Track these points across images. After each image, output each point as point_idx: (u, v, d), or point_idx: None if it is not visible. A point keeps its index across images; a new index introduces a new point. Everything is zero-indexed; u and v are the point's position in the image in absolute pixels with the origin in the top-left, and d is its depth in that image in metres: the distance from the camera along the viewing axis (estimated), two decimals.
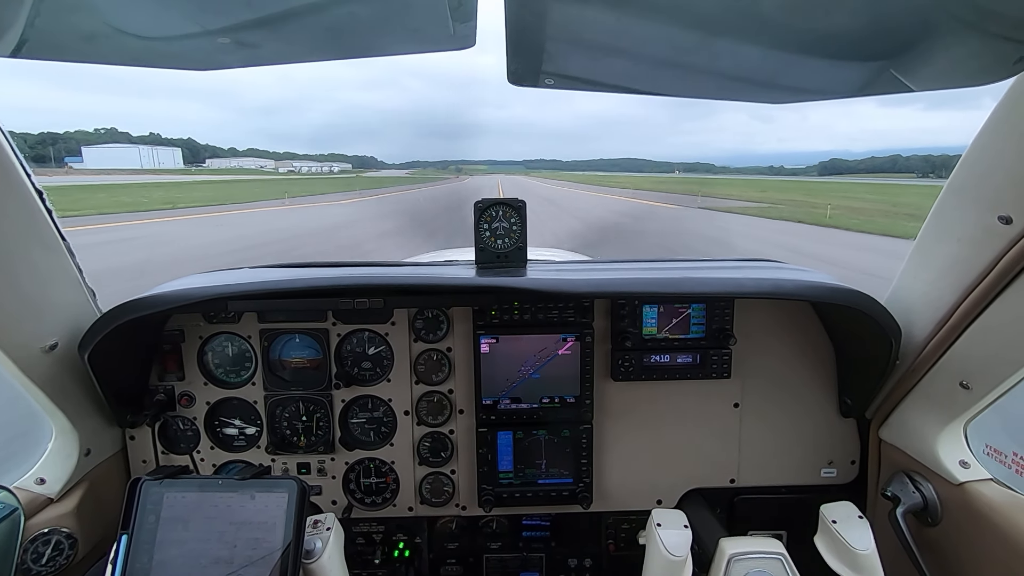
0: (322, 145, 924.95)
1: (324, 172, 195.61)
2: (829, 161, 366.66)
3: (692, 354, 1.73)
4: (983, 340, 1.28)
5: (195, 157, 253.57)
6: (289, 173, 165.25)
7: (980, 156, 1.19)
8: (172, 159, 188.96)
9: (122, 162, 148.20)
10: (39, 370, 1.34)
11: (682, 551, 1.33)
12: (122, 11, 0.87)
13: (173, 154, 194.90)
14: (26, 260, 1.29)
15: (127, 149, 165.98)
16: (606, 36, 0.97)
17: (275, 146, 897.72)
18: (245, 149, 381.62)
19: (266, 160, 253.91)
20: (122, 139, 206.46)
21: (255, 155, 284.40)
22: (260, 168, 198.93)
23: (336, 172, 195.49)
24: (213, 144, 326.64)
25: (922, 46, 0.92)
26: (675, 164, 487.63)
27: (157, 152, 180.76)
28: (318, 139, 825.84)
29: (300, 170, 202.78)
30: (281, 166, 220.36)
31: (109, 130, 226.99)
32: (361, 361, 1.78)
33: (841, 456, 1.81)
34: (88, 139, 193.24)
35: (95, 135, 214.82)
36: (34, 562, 1.38)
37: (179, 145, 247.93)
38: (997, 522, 1.28)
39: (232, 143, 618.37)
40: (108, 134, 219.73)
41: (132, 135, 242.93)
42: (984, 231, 1.18)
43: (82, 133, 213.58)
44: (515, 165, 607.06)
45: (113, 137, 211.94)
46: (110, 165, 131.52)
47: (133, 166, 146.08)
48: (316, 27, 0.93)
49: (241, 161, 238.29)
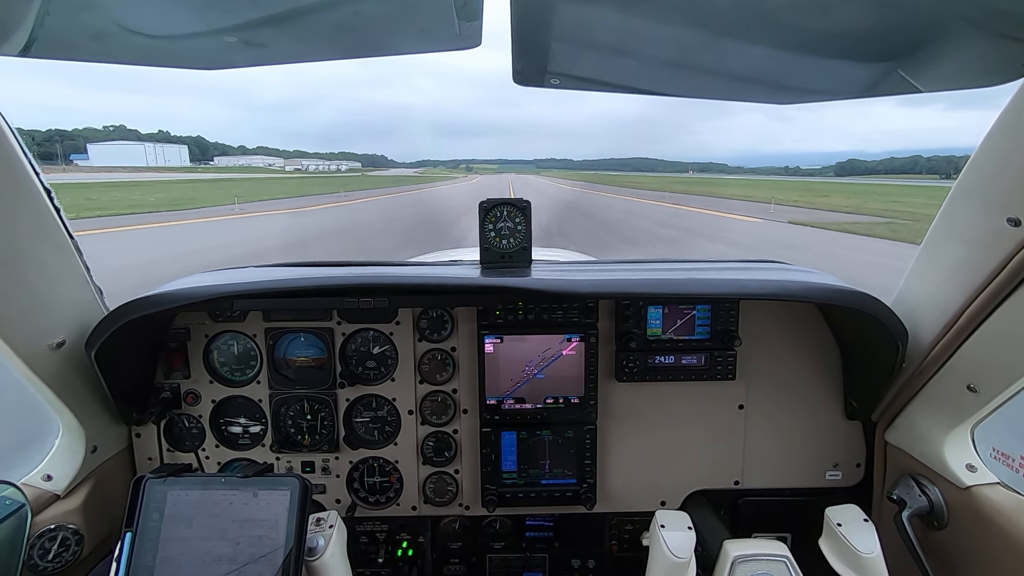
0: (333, 143, 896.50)
1: (332, 171, 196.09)
2: (847, 162, 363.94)
3: (697, 355, 1.72)
4: (991, 343, 1.27)
5: (204, 155, 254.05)
6: (295, 171, 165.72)
7: (989, 158, 1.18)
8: (179, 157, 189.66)
9: (128, 160, 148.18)
10: (46, 367, 1.35)
11: (686, 553, 1.33)
12: (130, 10, 0.87)
13: (179, 152, 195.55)
14: (34, 258, 1.30)
15: (133, 147, 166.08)
16: (611, 36, 0.97)
17: (286, 144, 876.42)
18: (255, 147, 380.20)
19: (275, 158, 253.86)
20: (131, 136, 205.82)
21: (265, 153, 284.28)
22: (268, 166, 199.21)
23: (343, 171, 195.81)
24: (223, 142, 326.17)
25: (930, 47, 0.92)
26: (688, 164, 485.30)
27: (163, 150, 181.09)
28: (329, 137, 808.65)
29: (307, 168, 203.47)
30: (290, 164, 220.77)
31: (118, 127, 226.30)
32: (365, 360, 1.79)
33: (846, 459, 1.80)
34: (96, 136, 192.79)
35: (104, 132, 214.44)
36: (40, 558, 1.38)
37: (188, 143, 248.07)
38: (1004, 526, 1.27)
39: (243, 141, 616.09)
40: (116, 131, 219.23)
41: (141, 132, 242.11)
42: (992, 233, 1.17)
43: (91, 130, 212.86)
44: (526, 164, 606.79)
45: (121, 135, 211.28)
46: (116, 163, 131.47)
47: (139, 163, 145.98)
48: (322, 26, 0.94)
49: (250, 159, 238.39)
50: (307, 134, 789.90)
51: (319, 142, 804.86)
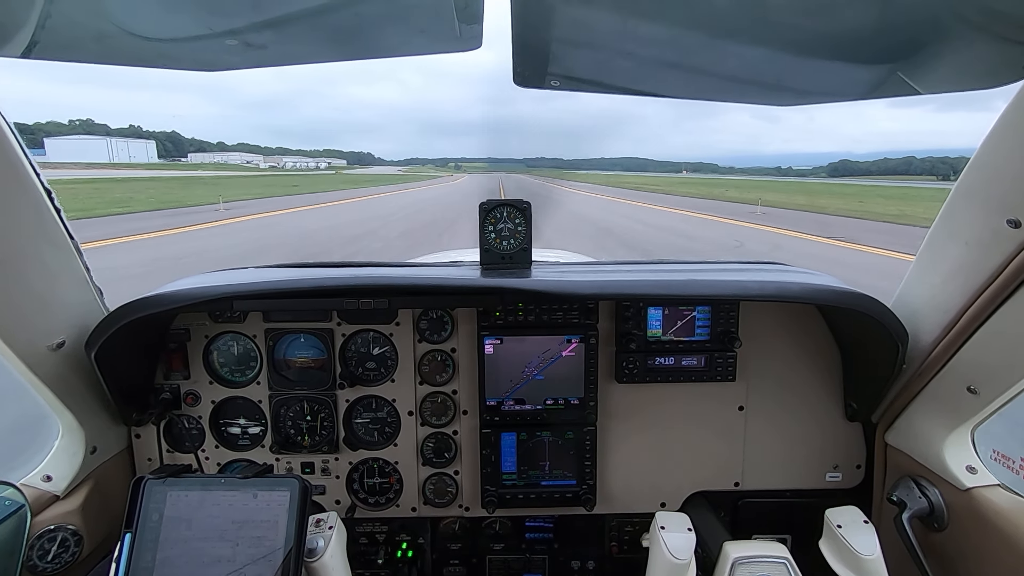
0: (318, 140, 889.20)
1: (311, 168, 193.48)
2: (839, 162, 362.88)
3: (697, 357, 1.72)
4: (991, 344, 1.27)
5: (178, 151, 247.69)
6: (272, 169, 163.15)
7: (989, 159, 1.18)
8: (145, 153, 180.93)
9: (89, 155, 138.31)
10: (46, 368, 1.35)
11: (686, 554, 1.33)
12: (132, 13, 0.88)
13: (147, 147, 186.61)
14: (35, 258, 1.30)
15: (95, 141, 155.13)
16: (612, 38, 0.97)
17: (269, 141, 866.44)
18: (235, 144, 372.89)
19: (255, 155, 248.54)
20: (99, 131, 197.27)
21: (245, 150, 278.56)
22: (246, 163, 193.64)
23: (323, 168, 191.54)
24: (200, 138, 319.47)
25: (930, 49, 0.92)
26: (682, 164, 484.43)
27: (128, 145, 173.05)
28: (315, 134, 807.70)
29: (284, 165, 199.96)
30: (271, 161, 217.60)
31: (84, 122, 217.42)
32: (365, 361, 1.79)
33: (846, 460, 1.80)
34: (60, 131, 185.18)
35: (68, 127, 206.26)
36: (40, 559, 1.38)
37: (162, 138, 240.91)
38: (1004, 528, 1.27)
39: (224, 137, 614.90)
40: (82, 126, 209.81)
41: (110, 127, 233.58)
42: (992, 235, 1.17)
43: (54, 124, 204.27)
44: (515, 163, 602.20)
45: (88, 129, 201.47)
46: (74, 159, 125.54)
47: (101, 160, 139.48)
48: (323, 28, 0.94)
49: (228, 156, 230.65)
50: (291, 131, 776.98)
51: (303, 139, 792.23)
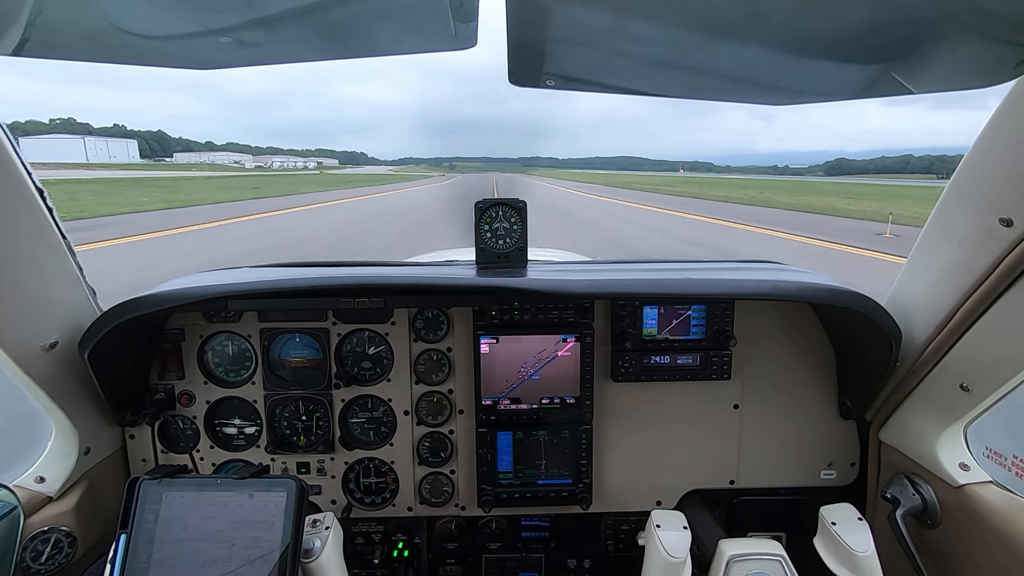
0: (310, 140, 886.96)
1: (299, 168, 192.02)
2: (836, 161, 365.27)
3: (692, 355, 1.73)
4: (984, 342, 1.28)
5: (164, 150, 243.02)
6: (258, 169, 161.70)
7: (981, 158, 1.19)
8: (126, 152, 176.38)
9: (65, 155, 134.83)
10: (39, 368, 1.34)
11: (681, 552, 1.33)
12: (124, 10, 0.87)
13: (127, 147, 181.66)
14: (28, 258, 1.29)
15: (72, 140, 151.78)
16: (607, 37, 0.97)
17: (261, 141, 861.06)
18: (224, 143, 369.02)
19: (244, 155, 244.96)
20: (80, 131, 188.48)
21: (234, 149, 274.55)
22: (234, 163, 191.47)
23: (311, 168, 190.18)
24: (187, 137, 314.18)
25: (923, 49, 0.92)
26: (678, 163, 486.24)
27: (108, 144, 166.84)
28: (307, 134, 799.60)
29: (271, 165, 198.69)
30: (259, 161, 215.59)
31: (65, 121, 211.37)
32: (361, 361, 1.78)
33: (841, 458, 1.81)
34: (39, 130, 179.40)
35: (48, 126, 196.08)
36: (33, 560, 1.37)
37: (148, 138, 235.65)
38: (997, 525, 1.28)
39: (214, 137, 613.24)
40: (63, 125, 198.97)
41: (93, 126, 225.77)
42: (985, 233, 1.18)
43: (34, 123, 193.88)
44: (511, 163, 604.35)
45: (68, 128, 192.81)
46: (49, 159, 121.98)
47: (78, 160, 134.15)
48: (317, 26, 0.94)
49: (215, 156, 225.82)
50: (284, 130, 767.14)
51: (296, 139, 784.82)
